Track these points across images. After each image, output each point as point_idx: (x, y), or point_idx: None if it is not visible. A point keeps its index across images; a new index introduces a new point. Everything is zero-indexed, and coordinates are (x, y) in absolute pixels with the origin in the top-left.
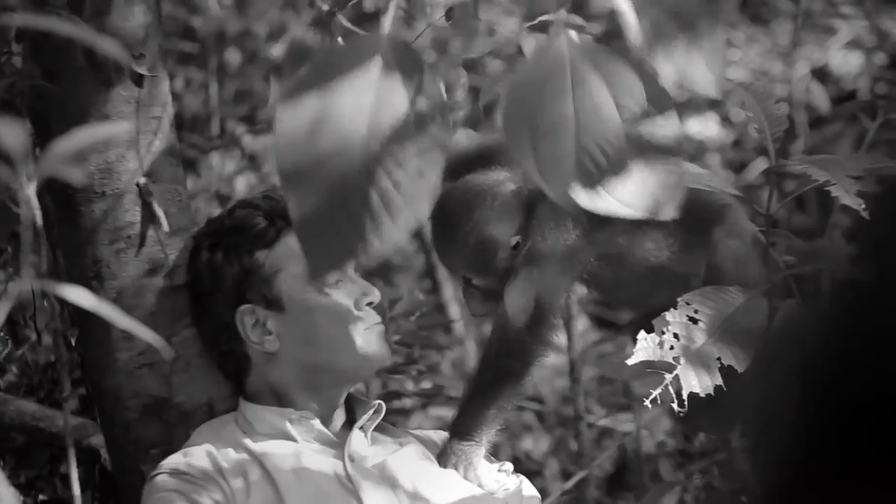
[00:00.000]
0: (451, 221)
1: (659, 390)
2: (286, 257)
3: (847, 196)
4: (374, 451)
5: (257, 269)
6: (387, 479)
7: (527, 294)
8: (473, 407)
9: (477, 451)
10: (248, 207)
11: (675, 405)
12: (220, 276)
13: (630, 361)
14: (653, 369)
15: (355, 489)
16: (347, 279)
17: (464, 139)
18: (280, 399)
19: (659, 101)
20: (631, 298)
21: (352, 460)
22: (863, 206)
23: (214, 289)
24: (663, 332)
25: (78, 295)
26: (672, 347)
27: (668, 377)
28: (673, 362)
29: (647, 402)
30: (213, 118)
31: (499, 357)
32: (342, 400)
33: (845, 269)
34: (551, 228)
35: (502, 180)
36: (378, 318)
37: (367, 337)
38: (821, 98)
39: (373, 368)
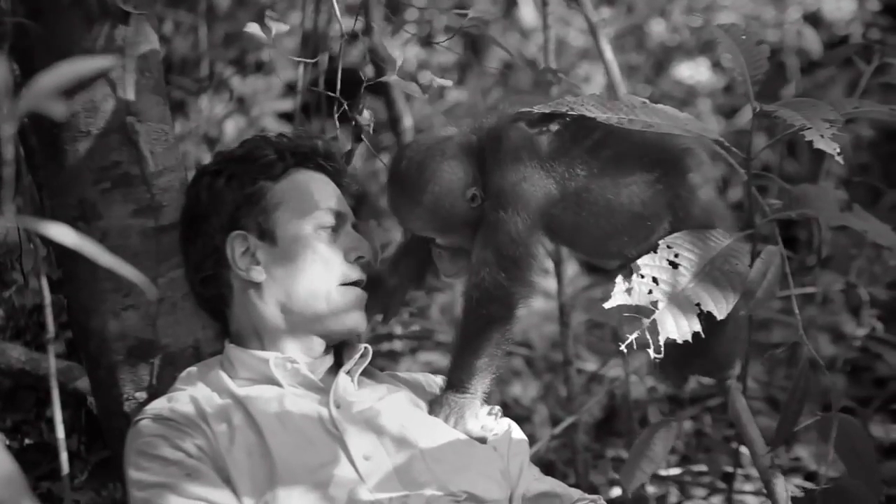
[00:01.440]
0: (405, 182)
1: (635, 335)
2: (289, 192)
3: (822, 141)
4: (361, 396)
5: (258, 198)
6: (372, 425)
7: (497, 238)
8: (463, 358)
9: (471, 404)
10: (260, 141)
11: (651, 350)
12: (219, 199)
13: (607, 305)
14: (630, 314)
15: (340, 434)
16: (343, 229)
17: None
18: (263, 342)
19: None
20: (591, 244)
21: (337, 406)
22: (837, 150)
23: (210, 211)
24: (641, 276)
25: (61, 233)
26: (651, 292)
27: (646, 321)
28: (651, 307)
29: (622, 347)
30: (203, 61)
31: (480, 305)
32: (322, 349)
33: (835, 214)
34: (508, 166)
35: (450, 135)
36: (362, 278)
37: (346, 294)
38: (813, 42)
39: (346, 328)
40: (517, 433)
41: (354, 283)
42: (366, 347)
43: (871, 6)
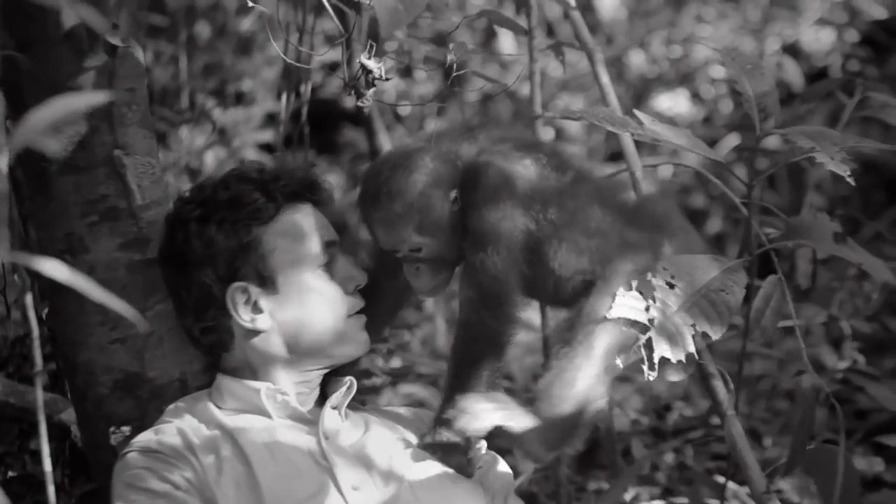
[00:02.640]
0: (386, 190)
1: (632, 351)
2: (283, 235)
3: (833, 163)
4: (348, 429)
5: (254, 245)
6: (360, 457)
7: (478, 277)
8: (454, 395)
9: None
10: (244, 181)
11: (645, 368)
12: (213, 248)
13: (609, 315)
14: (627, 328)
15: (329, 466)
16: (336, 260)
17: None
18: (257, 374)
19: None
20: (549, 288)
21: (326, 438)
22: (848, 172)
23: (205, 261)
24: (640, 293)
25: (53, 268)
26: (648, 309)
27: (642, 338)
28: (647, 324)
29: (618, 362)
30: (183, 91)
31: (468, 343)
32: (318, 381)
33: (830, 246)
34: (486, 205)
35: (426, 147)
36: (362, 304)
37: (353, 324)
38: (794, 74)
39: (353, 354)
40: (502, 466)
41: (359, 312)
42: (351, 380)
43: (849, 38)
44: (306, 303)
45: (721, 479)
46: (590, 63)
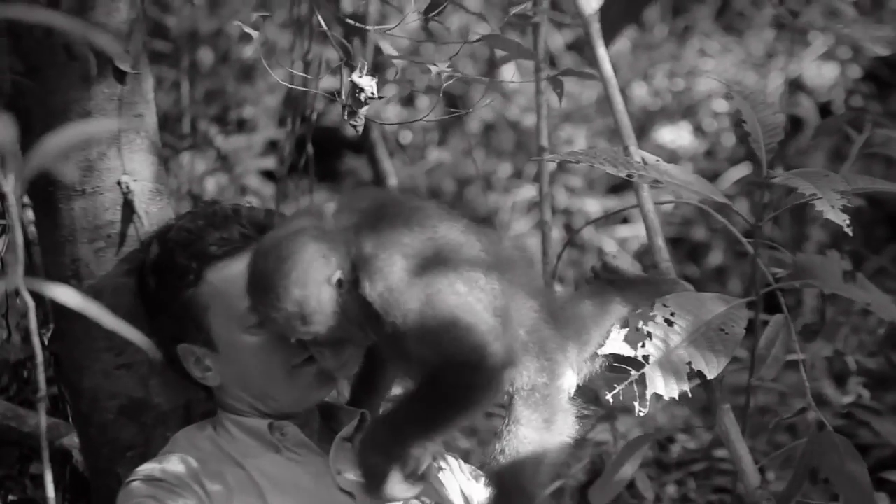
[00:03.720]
0: (265, 278)
1: (622, 387)
2: (211, 297)
3: (832, 211)
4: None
5: (186, 308)
6: None
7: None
8: (404, 429)
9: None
10: (173, 236)
11: (637, 405)
12: (157, 308)
13: (601, 351)
14: (620, 365)
15: (345, 495)
16: None
17: None
18: (249, 412)
19: None
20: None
21: (338, 472)
22: (847, 221)
23: (155, 318)
24: (636, 329)
25: (64, 294)
26: (643, 345)
27: (634, 374)
28: (642, 360)
29: (608, 397)
30: (185, 117)
31: (434, 394)
32: (304, 416)
33: (839, 285)
34: (384, 270)
35: (305, 225)
36: (306, 354)
37: (298, 377)
38: (808, 109)
39: (306, 405)
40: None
41: (306, 360)
42: (363, 413)
43: (852, 73)
44: (243, 361)
45: None
46: (606, 92)
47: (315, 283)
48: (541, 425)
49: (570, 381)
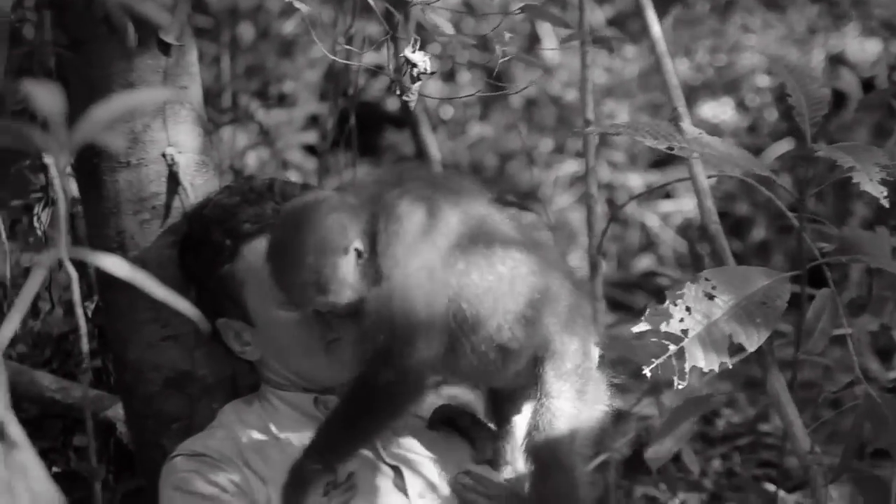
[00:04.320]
0: (283, 246)
1: (661, 360)
2: (246, 272)
3: (869, 184)
4: (402, 432)
5: (224, 284)
6: (420, 464)
7: (374, 325)
8: (330, 431)
9: (317, 478)
10: (213, 212)
11: (676, 379)
12: (197, 282)
13: (636, 329)
14: (658, 340)
15: (392, 473)
16: None
17: None
18: (293, 383)
19: None
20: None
21: (383, 446)
22: (884, 194)
23: (198, 296)
24: (675, 304)
25: (113, 264)
26: (682, 320)
27: (673, 349)
28: (680, 335)
29: (646, 371)
30: (225, 92)
31: (359, 392)
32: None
33: (887, 261)
34: (400, 247)
35: (327, 195)
36: (342, 329)
37: (334, 350)
38: (851, 83)
39: (340, 379)
40: None
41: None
42: None
43: (895, 48)
44: (279, 336)
45: (768, 486)
46: (660, 65)
47: (333, 252)
48: (574, 396)
49: (596, 352)
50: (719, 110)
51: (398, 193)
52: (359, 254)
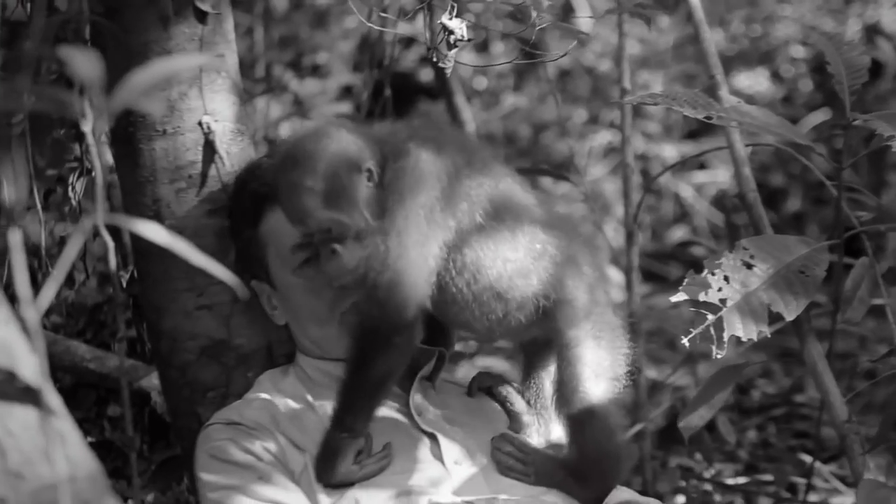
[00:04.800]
0: (292, 156)
1: (699, 330)
2: (268, 237)
3: None
4: (438, 402)
5: (249, 246)
6: (455, 432)
7: (374, 266)
8: (345, 393)
9: (346, 446)
10: (244, 177)
11: (714, 348)
12: (235, 248)
13: (673, 299)
14: (697, 310)
15: (429, 439)
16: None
17: None
18: (318, 350)
19: None
20: (459, 309)
21: (418, 413)
22: None
23: (236, 261)
24: (713, 274)
25: (150, 230)
26: (720, 289)
27: (711, 318)
28: (719, 304)
29: (684, 341)
30: (258, 63)
31: (359, 344)
32: None
33: None
34: (408, 190)
35: (343, 122)
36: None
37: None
38: (888, 54)
39: None
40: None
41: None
42: (440, 351)
43: None
44: (294, 301)
45: (804, 456)
46: (697, 33)
47: (348, 166)
48: (591, 342)
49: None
50: (754, 81)
51: (406, 135)
52: (370, 176)
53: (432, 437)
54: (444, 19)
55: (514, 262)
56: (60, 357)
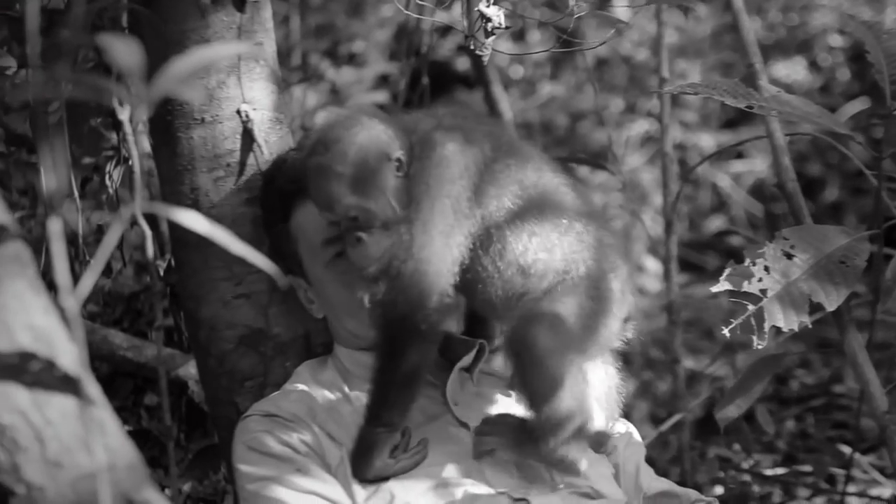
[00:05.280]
0: (322, 142)
1: (740, 320)
2: (298, 231)
3: None
4: (475, 395)
5: (280, 241)
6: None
7: (398, 255)
8: (376, 387)
9: (382, 441)
10: (273, 173)
11: (755, 338)
12: (269, 243)
13: (714, 289)
14: (737, 300)
15: (463, 428)
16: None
17: None
18: (358, 340)
19: None
20: (485, 296)
21: (455, 404)
22: None
23: (271, 254)
24: (753, 264)
25: (189, 218)
26: (761, 279)
27: (752, 308)
28: (759, 294)
29: (725, 331)
30: (295, 52)
31: (386, 333)
32: None
33: None
34: (434, 179)
35: (372, 110)
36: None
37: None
38: None
39: None
40: (636, 436)
41: None
42: (481, 343)
43: None
44: (328, 294)
45: (843, 447)
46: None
47: (377, 154)
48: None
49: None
50: (792, 70)
51: (434, 125)
52: (399, 166)
53: (467, 427)
54: (482, 7)
55: (539, 237)
56: (98, 346)
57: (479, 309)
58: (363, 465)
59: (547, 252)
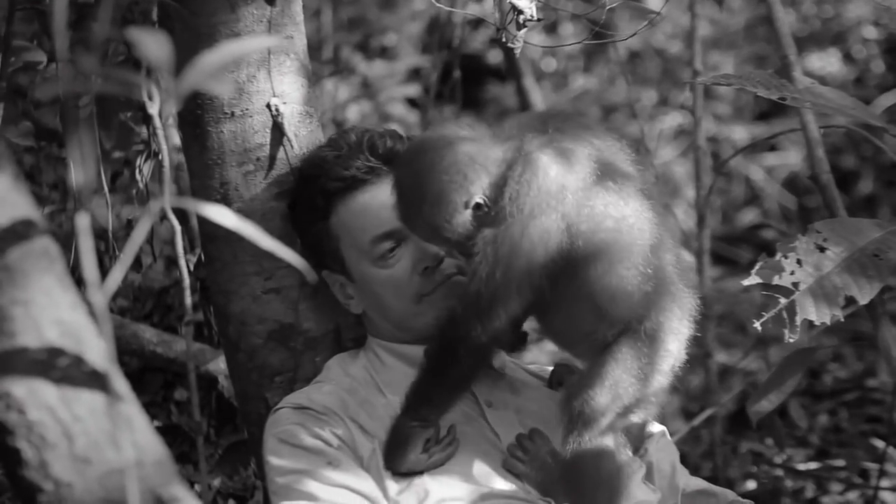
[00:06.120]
0: (404, 187)
1: (772, 314)
2: (341, 228)
3: None
4: (504, 390)
5: (320, 239)
6: (521, 422)
7: (475, 278)
8: (422, 384)
9: (416, 435)
10: (310, 170)
11: (787, 332)
12: (302, 240)
13: (746, 282)
14: (769, 293)
15: (493, 430)
16: (406, 243)
17: None
18: (397, 335)
19: None
20: (563, 325)
21: (489, 405)
22: None
23: (303, 249)
24: (785, 257)
25: (220, 214)
26: (793, 273)
27: (783, 301)
28: (791, 288)
29: (756, 325)
30: (326, 45)
31: (447, 341)
32: None
33: None
34: (527, 206)
35: (463, 135)
36: (435, 284)
37: (429, 303)
38: None
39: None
40: (667, 436)
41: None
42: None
43: None
44: (376, 291)
45: (876, 441)
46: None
47: (450, 205)
48: (626, 368)
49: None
50: (826, 62)
51: (538, 144)
52: (479, 206)
53: (500, 439)
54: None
55: (622, 281)
56: (127, 341)
57: (544, 332)
58: (397, 458)
59: (626, 297)
